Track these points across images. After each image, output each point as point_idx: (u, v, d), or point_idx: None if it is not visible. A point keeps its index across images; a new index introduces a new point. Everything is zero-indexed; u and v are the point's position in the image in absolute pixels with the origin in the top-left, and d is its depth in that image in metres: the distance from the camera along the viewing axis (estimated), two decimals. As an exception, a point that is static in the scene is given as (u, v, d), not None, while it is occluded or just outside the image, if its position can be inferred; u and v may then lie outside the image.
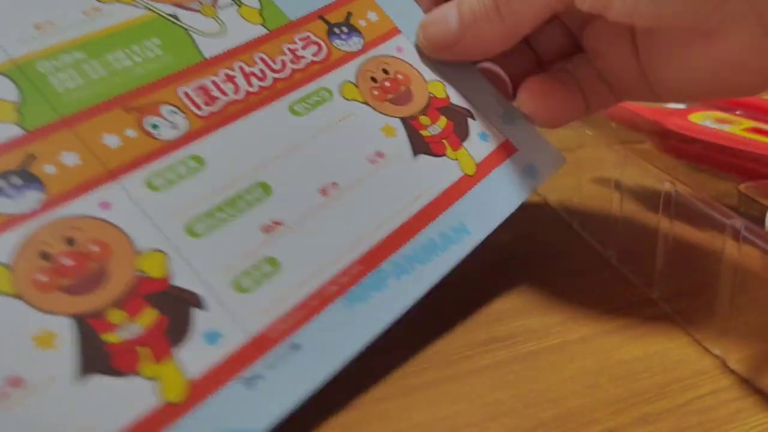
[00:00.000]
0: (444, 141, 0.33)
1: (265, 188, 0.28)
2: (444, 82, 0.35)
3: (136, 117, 0.28)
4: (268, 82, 0.31)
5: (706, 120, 0.43)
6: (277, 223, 0.28)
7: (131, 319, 0.24)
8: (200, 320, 0.25)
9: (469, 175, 0.32)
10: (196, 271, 0.25)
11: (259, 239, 0.27)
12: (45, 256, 0.24)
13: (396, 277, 0.28)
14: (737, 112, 0.44)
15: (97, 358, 0.23)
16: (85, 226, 0.25)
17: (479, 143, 0.34)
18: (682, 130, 0.42)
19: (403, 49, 0.35)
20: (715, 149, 0.41)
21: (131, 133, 0.27)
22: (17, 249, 0.24)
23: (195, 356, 0.24)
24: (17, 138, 0.25)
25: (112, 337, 0.23)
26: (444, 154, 0.33)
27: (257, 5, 0.33)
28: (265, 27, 0.32)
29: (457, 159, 0.33)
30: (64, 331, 0.23)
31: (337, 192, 0.29)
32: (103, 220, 0.25)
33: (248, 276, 0.26)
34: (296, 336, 0.26)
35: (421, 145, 0.32)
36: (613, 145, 0.35)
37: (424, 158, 0.32)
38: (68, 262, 0.24)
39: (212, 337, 0.24)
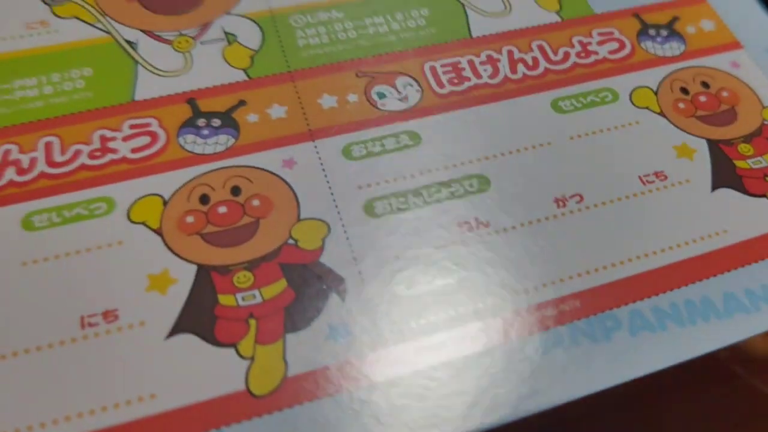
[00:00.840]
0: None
1: (483, 182, 0.22)
2: None
3: (365, 83, 0.24)
4: (537, 72, 0.25)
5: None
6: (483, 224, 0.21)
7: (257, 287, 0.20)
8: (334, 310, 0.19)
9: None
10: (353, 254, 0.20)
11: (452, 237, 0.21)
12: (204, 199, 0.21)
13: (631, 331, 0.19)
14: None
15: (203, 321, 0.19)
16: (257, 179, 0.22)
17: None
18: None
19: (740, 66, 0.26)
20: None
21: (352, 97, 0.24)
22: (180, 187, 0.21)
23: (308, 350, 0.19)
24: (238, 83, 0.24)
25: (228, 300, 0.19)
26: (764, 195, 0.22)
27: None
28: (559, 15, 0.27)
29: None
30: (183, 279, 0.20)
31: (578, 206, 0.22)
32: (279, 177, 0.22)
33: (420, 274, 0.20)
34: (443, 363, 0.19)
35: (727, 178, 0.23)
36: None
37: (727, 194, 0.22)
38: (223, 210, 0.21)
39: (340, 334, 0.19)
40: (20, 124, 0.22)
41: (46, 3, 0.25)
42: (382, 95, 0.24)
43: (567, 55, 0.26)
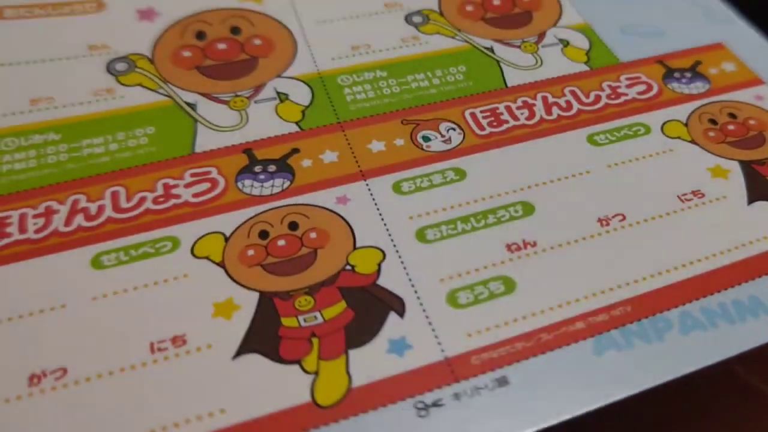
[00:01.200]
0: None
1: (528, 208, 0.23)
2: None
3: (411, 129, 0.26)
4: (571, 112, 0.26)
5: None
6: (530, 244, 0.22)
7: (317, 309, 0.20)
8: (393, 326, 0.20)
9: None
10: (409, 276, 0.21)
11: (501, 256, 0.22)
12: (264, 234, 0.22)
13: (682, 331, 0.20)
14: None
15: (268, 341, 0.20)
16: (313, 215, 0.23)
17: None
18: None
19: (764, 98, 0.28)
20: None
21: (399, 141, 0.25)
22: (241, 225, 0.22)
23: (370, 363, 0.19)
24: (291, 134, 0.25)
25: (290, 321, 0.20)
26: None
27: (586, 45, 0.29)
28: (587, 65, 0.28)
29: None
30: (247, 305, 0.20)
31: (621, 224, 0.23)
32: (333, 212, 0.23)
33: (470, 291, 0.21)
34: (509, 369, 0.19)
35: (763, 192, 0.24)
36: None
37: (763, 206, 0.23)
38: (282, 243, 0.22)
39: (399, 347, 0.19)
40: (88, 177, 0.23)
41: (111, 73, 0.27)
42: (426, 138, 0.25)
43: (598, 98, 0.27)
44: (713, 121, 0.27)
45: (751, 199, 0.24)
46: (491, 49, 0.29)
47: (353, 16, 0.30)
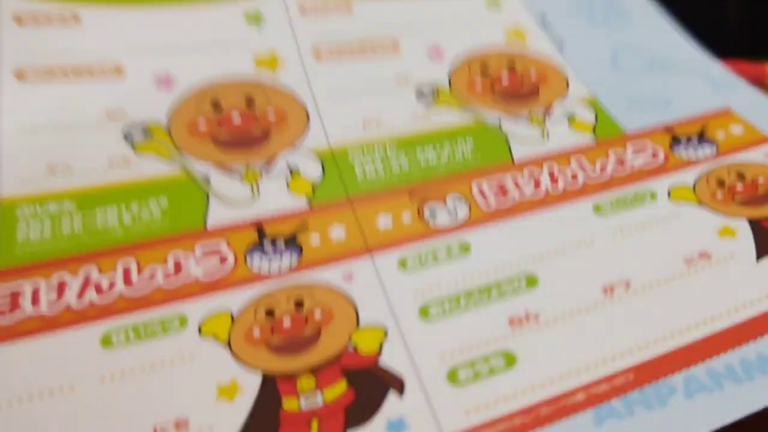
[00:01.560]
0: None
1: (531, 280, 0.23)
2: None
3: (418, 203, 0.26)
4: (577, 183, 0.27)
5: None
6: (532, 317, 0.22)
7: (319, 389, 0.21)
8: (392, 405, 0.20)
9: None
10: (410, 354, 0.21)
11: (503, 331, 0.22)
12: (270, 313, 0.23)
13: (687, 395, 0.20)
14: None
15: (268, 426, 0.20)
16: (319, 292, 0.23)
17: None
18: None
19: None
20: None
21: (406, 216, 0.25)
22: (248, 303, 0.23)
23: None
24: (300, 210, 0.26)
25: (291, 404, 0.20)
26: None
27: (591, 119, 0.30)
28: (594, 136, 0.29)
29: None
30: (250, 386, 0.21)
31: (626, 291, 0.23)
32: (339, 290, 0.23)
33: (471, 368, 0.21)
34: None
35: None
36: None
37: None
38: (287, 322, 0.22)
39: (396, 427, 0.20)
40: (101, 248, 0.24)
41: (128, 141, 0.27)
42: (433, 212, 0.26)
43: (604, 168, 0.27)
44: (721, 183, 0.27)
45: (760, 255, 0.24)
46: (499, 123, 0.29)
47: (365, 89, 0.30)
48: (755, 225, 0.25)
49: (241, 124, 0.28)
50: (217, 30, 0.31)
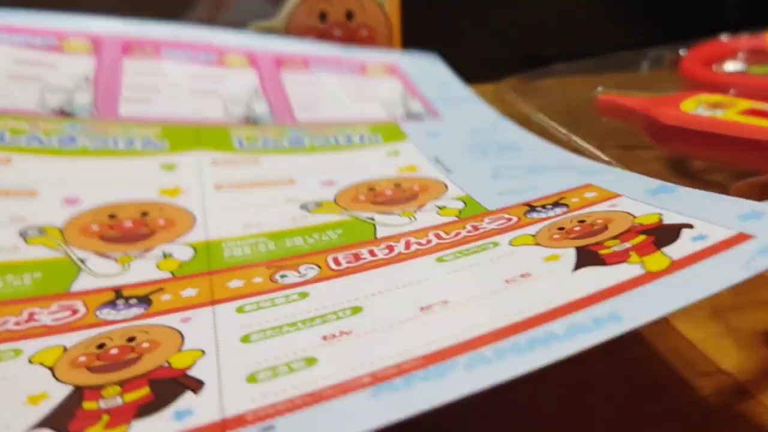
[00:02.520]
0: (632, 252, 0.24)
1: (355, 309, 0.24)
2: (664, 212, 0.26)
3: (272, 271, 0.27)
4: (429, 246, 0.28)
5: (699, 107, 0.37)
6: (345, 333, 0.22)
7: (121, 395, 0.21)
8: (186, 402, 0.20)
9: (653, 272, 0.22)
10: (219, 366, 0.22)
11: (314, 344, 0.22)
12: (101, 346, 0.23)
13: (467, 368, 0.19)
14: (731, 92, 0.40)
15: (62, 418, 0.20)
16: (153, 331, 0.24)
17: (689, 244, 0.23)
18: (671, 121, 0.37)
19: (618, 205, 0.29)
20: (709, 140, 0.35)
21: (257, 279, 0.27)
22: (83, 340, 0.24)
23: (150, 429, 0.19)
24: (162, 279, 0.27)
25: (91, 405, 0.21)
26: (623, 262, 0.23)
27: (460, 206, 0.32)
28: (458, 218, 0.31)
29: (641, 262, 0.23)
30: (57, 395, 0.21)
31: (443, 307, 0.23)
32: (173, 328, 0.24)
33: (271, 370, 0.21)
34: (278, 420, 0.19)
35: (589, 261, 0.24)
36: None
37: (586, 270, 0.24)
38: (114, 351, 0.23)
39: (180, 415, 0.19)
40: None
41: (21, 236, 0.30)
42: (284, 276, 0.27)
43: (458, 233, 0.29)
44: (561, 228, 0.28)
45: (577, 267, 0.24)
46: (372, 218, 0.31)
47: (254, 205, 0.33)
48: (580, 249, 0.26)
49: (131, 229, 0.31)
50: (130, 171, 0.36)
